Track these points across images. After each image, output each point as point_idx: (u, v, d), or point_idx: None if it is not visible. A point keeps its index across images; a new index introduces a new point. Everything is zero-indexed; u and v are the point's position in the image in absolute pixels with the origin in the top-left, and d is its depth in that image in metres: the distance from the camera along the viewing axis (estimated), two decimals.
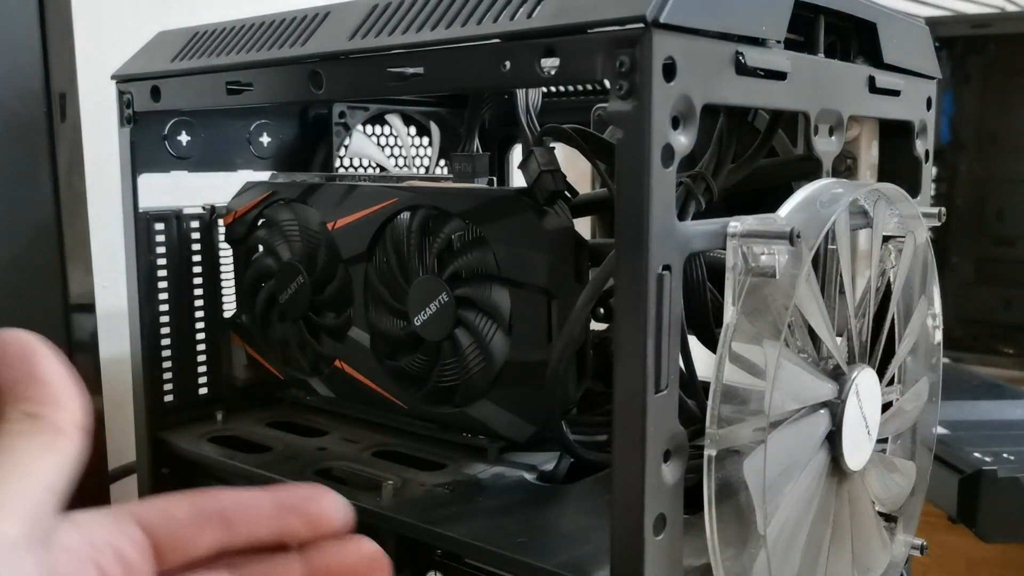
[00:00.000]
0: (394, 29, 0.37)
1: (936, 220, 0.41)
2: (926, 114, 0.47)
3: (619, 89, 0.29)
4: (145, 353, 0.53)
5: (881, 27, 0.42)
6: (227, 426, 0.54)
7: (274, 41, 0.43)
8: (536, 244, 0.42)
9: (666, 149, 0.30)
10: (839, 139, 0.39)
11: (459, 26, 0.35)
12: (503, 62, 0.33)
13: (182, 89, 0.47)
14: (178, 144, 0.54)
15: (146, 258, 0.52)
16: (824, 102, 0.38)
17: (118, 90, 0.51)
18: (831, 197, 0.35)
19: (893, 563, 0.43)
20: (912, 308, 0.41)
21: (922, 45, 0.46)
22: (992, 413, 0.76)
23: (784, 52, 0.35)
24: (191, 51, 0.47)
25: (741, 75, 0.32)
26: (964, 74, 1.05)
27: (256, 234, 0.55)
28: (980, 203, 1.05)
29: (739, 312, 0.32)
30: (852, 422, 0.36)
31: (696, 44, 0.30)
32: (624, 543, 0.31)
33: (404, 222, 0.47)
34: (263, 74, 0.43)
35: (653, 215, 0.29)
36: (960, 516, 0.63)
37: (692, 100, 0.30)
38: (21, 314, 0.51)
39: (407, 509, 0.40)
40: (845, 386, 0.36)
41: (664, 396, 0.31)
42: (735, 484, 0.32)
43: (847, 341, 0.37)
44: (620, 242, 0.30)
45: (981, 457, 0.64)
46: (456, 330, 0.45)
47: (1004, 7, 1.04)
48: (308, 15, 0.42)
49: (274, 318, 0.54)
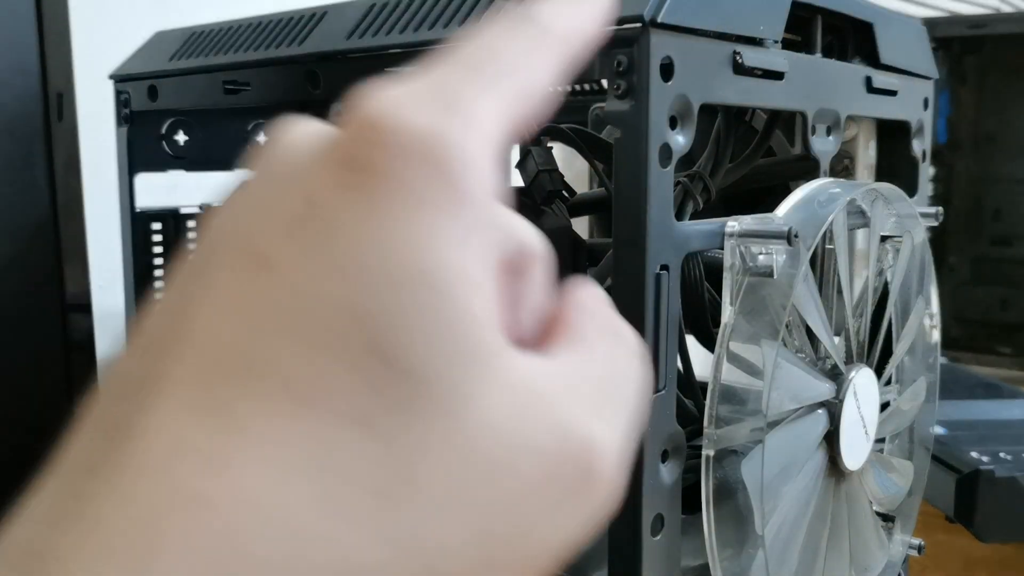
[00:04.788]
0: (392, 29, 0.37)
1: (934, 220, 0.41)
2: (923, 114, 0.47)
3: (616, 89, 0.29)
4: None
5: (878, 27, 0.42)
6: None
7: (272, 41, 0.43)
8: None
9: (664, 149, 0.30)
10: (837, 139, 0.39)
11: (457, 25, 0.35)
12: None
13: (179, 89, 0.47)
14: (175, 143, 0.54)
15: (143, 258, 0.52)
16: (822, 102, 0.38)
17: (115, 89, 0.51)
18: (829, 197, 0.35)
19: (891, 563, 0.43)
20: (909, 308, 0.41)
21: (919, 45, 0.46)
22: (990, 413, 0.76)
23: (782, 52, 0.35)
24: (188, 51, 0.47)
25: (739, 75, 0.32)
26: (961, 74, 1.05)
27: None
28: (977, 203, 1.05)
29: (737, 312, 0.32)
30: (850, 422, 0.36)
31: (694, 44, 0.30)
32: (622, 543, 0.31)
33: None
34: (260, 74, 0.43)
35: (651, 215, 0.29)
36: (957, 516, 0.63)
37: (690, 100, 0.30)
38: (18, 313, 0.51)
39: None
40: (843, 386, 0.36)
41: (662, 396, 0.31)
42: (733, 484, 0.32)
43: (845, 341, 0.37)
44: (617, 242, 0.30)
45: (978, 457, 0.64)
46: None
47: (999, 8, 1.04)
48: (306, 15, 0.42)
49: None
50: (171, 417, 0.15)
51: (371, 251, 0.15)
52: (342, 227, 0.15)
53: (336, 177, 0.16)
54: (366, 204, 0.15)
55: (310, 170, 0.16)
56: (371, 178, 0.16)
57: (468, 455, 0.15)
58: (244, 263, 0.16)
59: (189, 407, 0.15)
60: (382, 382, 0.15)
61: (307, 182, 0.16)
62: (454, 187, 0.16)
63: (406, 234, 0.15)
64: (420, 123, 0.16)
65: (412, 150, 0.16)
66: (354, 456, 0.15)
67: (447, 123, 0.16)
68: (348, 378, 0.15)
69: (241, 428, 0.15)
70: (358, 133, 0.16)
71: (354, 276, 0.15)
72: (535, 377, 0.17)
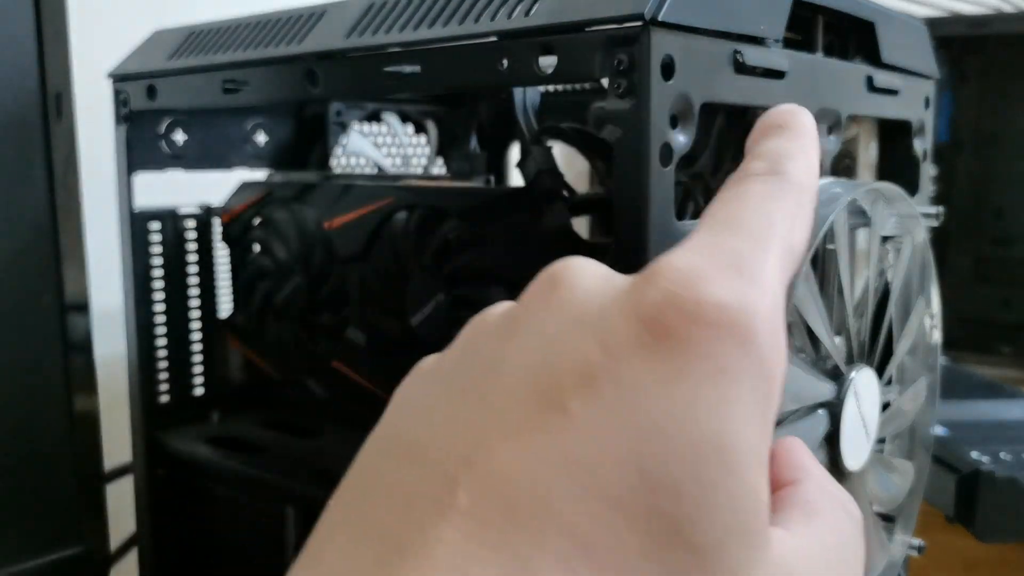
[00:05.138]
0: (391, 27, 0.37)
1: (935, 220, 0.41)
2: (924, 113, 0.46)
3: (617, 88, 0.29)
4: (140, 353, 0.53)
5: (879, 26, 0.42)
6: (223, 427, 0.54)
7: (270, 39, 0.43)
8: (534, 243, 0.42)
9: (664, 148, 0.29)
10: (838, 138, 0.39)
11: (456, 24, 0.34)
12: (501, 60, 0.33)
13: (178, 88, 0.47)
14: (174, 142, 0.54)
15: (141, 258, 0.52)
16: (823, 101, 0.38)
17: (114, 88, 0.51)
18: (830, 196, 0.34)
19: (891, 563, 0.42)
20: (910, 308, 0.41)
21: (920, 45, 0.46)
22: (990, 413, 0.75)
23: (783, 51, 0.35)
24: (187, 49, 0.47)
25: (740, 74, 0.32)
26: (962, 74, 1.05)
27: (252, 234, 0.55)
28: (979, 203, 1.05)
29: None
30: (851, 422, 0.36)
31: (695, 43, 0.30)
32: None
33: (401, 221, 0.47)
34: (259, 72, 0.43)
35: (652, 215, 0.29)
36: (957, 516, 0.62)
37: (691, 99, 0.30)
38: (15, 313, 0.51)
39: None
40: (844, 386, 0.35)
41: None
42: None
43: (846, 341, 0.37)
44: (618, 242, 0.30)
45: (978, 457, 0.64)
46: (454, 330, 0.44)
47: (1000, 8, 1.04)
48: (305, 13, 0.42)
49: (270, 318, 0.54)
50: (455, 548, 0.15)
51: (672, 419, 0.16)
52: (644, 388, 0.16)
53: (638, 335, 0.16)
54: (671, 370, 0.16)
55: (607, 319, 0.17)
56: (678, 345, 0.16)
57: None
58: (538, 402, 0.16)
59: (477, 542, 0.15)
60: (666, 550, 0.15)
61: (604, 330, 0.17)
62: (758, 360, 0.16)
63: (708, 407, 0.16)
64: (725, 297, 0.17)
65: (720, 323, 0.16)
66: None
67: (748, 296, 0.17)
68: (634, 540, 0.15)
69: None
70: (664, 298, 0.17)
71: (653, 440, 0.15)
72: (787, 556, 0.17)
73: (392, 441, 0.18)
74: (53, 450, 0.53)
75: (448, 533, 0.15)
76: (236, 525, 0.50)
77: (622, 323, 0.17)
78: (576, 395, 0.16)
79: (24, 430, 0.52)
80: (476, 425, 0.17)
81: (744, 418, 0.16)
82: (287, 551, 0.46)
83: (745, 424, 0.16)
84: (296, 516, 0.45)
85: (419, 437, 0.17)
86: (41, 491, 0.52)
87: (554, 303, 0.18)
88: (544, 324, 0.18)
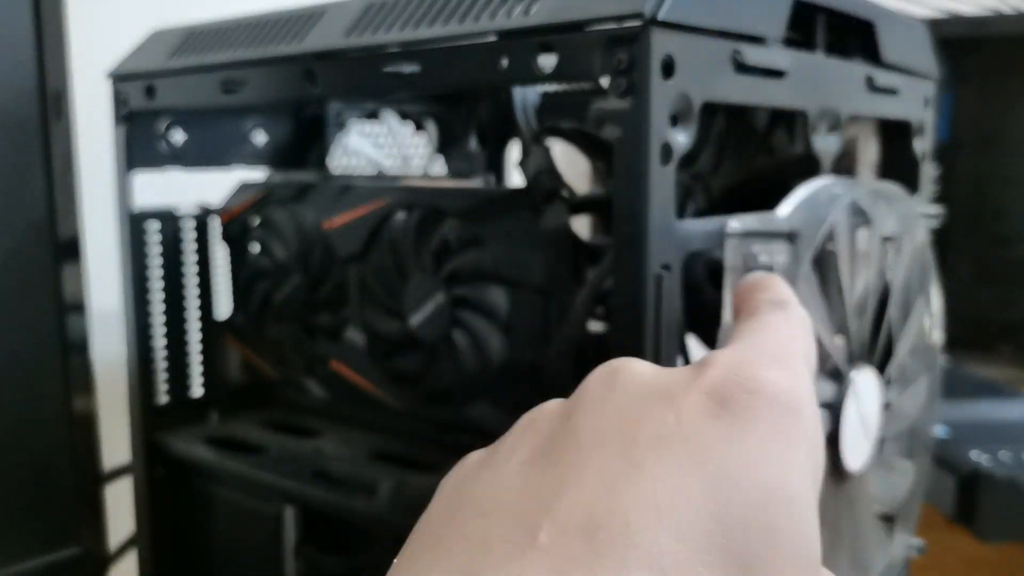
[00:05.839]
0: (390, 26, 0.37)
1: (935, 220, 0.41)
2: (924, 113, 0.46)
3: (617, 87, 0.29)
4: (139, 354, 0.52)
5: (880, 26, 0.41)
6: (222, 427, 0.54)
7: (269, 39, 0.43)
8: (534, 243, 0.41)
9: (665, 147, 0.29)
10: (838, 138, 0.39)
11: (456, 23, 0.34)
12: (500, 59, 0.33)
13: (177, 87, 0.47)
14: (173, 142, 0.54)
15: (140, 258, 0.52)
16: (823, 101, 0.38)
17: (114, 88, 0.50)
18: (830, 196, 0.34)
19: (891, 563, 0.42)
20: (911, 308, 0.41)
21: (920, 45, 0.46)
22: (990, 413, 0.75)
23: (783, 51, 0.35)
24: (186, 49, 0.47)
25: (740, 73, 0.32)
26: (962, 74, 1.05)
27: (251, 234, 0.54)
28: (979, 203, 1.05)
29: None
30: (851, 423, 0.36)
31: (695, 42, 0.30)
32: None
33: (400, 221, 0.47)
34: (258, 72, 0.43)
35: (652, 214, 0.29)
36: (958, 516, 0.62)
37: (691, 98, 0.30)
38: (13, 313, 0.51)
39: (404, 511, 0.40)
40: (845, 387, 0.35)
41: None
42: None
43: (846, 341, 0.37)
44: (618, 242, 0.30)
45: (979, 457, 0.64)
46: (453, 330, 0.44)
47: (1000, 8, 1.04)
48: (304, 13, 0.42)
49: (269, 318, 0.54)
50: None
51: (741, 469, 0.18)
52: (712, 445, 0.18)
53: (706, 407, 0.19)
54: (736, 431, 0.19)
55: (675, 393, 0.20)
56: (741, 412, 0.19)
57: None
58: (616, 460, 0.18)
59: (560, 573, 0.16)
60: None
61: (675, 404, 0.19)
62: (805, 427, 0.19)
63: (773, 459, 0.18)
64: (776, 378, 0.20)
65: (776, 396, 0.19)
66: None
67: (793, 380, 0.20)
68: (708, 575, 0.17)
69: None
70: (726, 376, 0.20)
71: (726, 488, 0.17)
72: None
73: (457, 508, 0.20)
74: (51, 451, 0.53)
75: (530, 569, 0.16)
76: (235, 526, 0.49)
77: (689, 396, 0.19)
78: (651, 452, 0.18)
79: (22, 431, 0.51)
80: (551, 482, 0.18)
81: (802, 474, 0.19)
82: (285, 552, 0.46)
83: (803, 479, 0.19)
84: (295, 516, 0.45)
85: (489, 498, 0.19)
86: (39, 492, 0.52)
87: (619, 386, 0.21)
88: (613, 402, 0.20)
